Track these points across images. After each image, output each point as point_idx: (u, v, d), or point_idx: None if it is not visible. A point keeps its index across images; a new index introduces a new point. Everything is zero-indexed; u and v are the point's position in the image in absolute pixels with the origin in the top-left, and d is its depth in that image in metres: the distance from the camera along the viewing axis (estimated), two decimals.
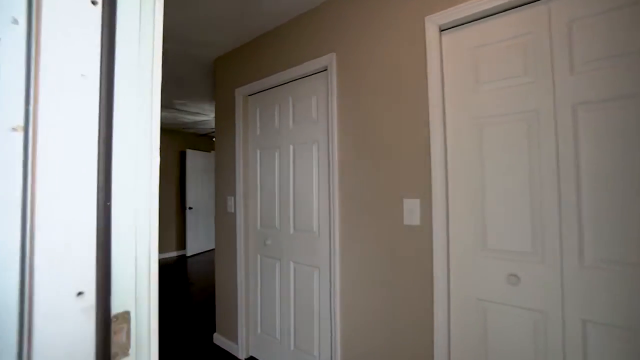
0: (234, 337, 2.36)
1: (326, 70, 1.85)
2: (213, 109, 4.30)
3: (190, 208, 5.81)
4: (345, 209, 1.71)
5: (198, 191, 6.02)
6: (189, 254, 5.77)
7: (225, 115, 2.49)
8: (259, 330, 2.25)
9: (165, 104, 4.08)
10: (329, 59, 1.78)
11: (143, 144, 0.49)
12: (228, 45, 2.40)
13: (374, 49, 1.60)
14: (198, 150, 6.28)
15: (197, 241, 5.96)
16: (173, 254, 5.86)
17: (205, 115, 4.78)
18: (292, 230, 2.04)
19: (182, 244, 6.00)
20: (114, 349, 0.44)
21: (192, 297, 3.65)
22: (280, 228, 2.11)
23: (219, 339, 2.50)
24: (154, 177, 0.51)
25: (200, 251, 6.02)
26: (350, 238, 1.68)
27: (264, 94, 2.25)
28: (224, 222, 2.48)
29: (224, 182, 2.50)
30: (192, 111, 4.49)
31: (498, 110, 1.23)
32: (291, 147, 2.06)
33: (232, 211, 2.39)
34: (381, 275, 1.55)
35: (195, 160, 6.01)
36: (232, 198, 2.39)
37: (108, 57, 0.44)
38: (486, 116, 1.26)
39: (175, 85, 3.35)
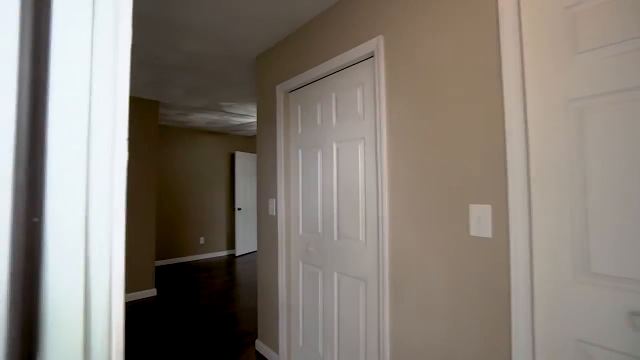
0: (275, 346, 2.25)
1: (372, 57, 1.64)
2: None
3: (239, 209, 5.95)
4: (395, 216, 1.48)
5: (247, 192, 6.15)
6: (237, 253, 5.91)
7: (267, 114, 2.40)
8: (300, 343, 2.10)
9: (213, 107, 4.18)
10: (376, 44, 1.56)
11: (102, 119, 0.34)
12: (269, 40, 2.30)
13: (429, 25, 1.35)
14: (247, 152, 6.43)
15: (246, 241, 6.09)
16: (223, 253, 6.06)
17: (251, 117, 4.83)
18: (335, 237, 1.86)
19: (231, 243, 6.18)
20: None
21: (238, 299, 3.66)
22: (323, 234, 1.94)
23: (260, 347, 2.41)
24: (118, 175, 0.35)
25: (248, 251, 6.14)
26: (402, 250, 1.44)
27: (305, 90, 2.10)
28: (266, 226, 2.39)
29: (265, 184, 2.40)
30: (238, 113, 4.55)
31: (606, 87, 0.90)
32: (334, 145, 1.88)
33: (274, 214, 2.28)
34: (438, 297, 1.28)
35: (244, 162, 6.15)
36: (273, 201, 2.29)
37: None
38: (588, 97, 0.94)
39: (221, 87, 3.39)
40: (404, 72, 1.45)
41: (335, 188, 1.87)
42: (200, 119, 4.89)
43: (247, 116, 4.74)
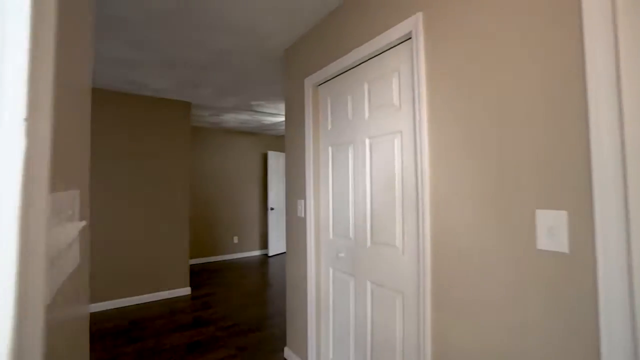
0: (303, 356, 2.12)
1: (410, 38, 1.43)
2: None
3: (271, 209, 5.93)
4: (438, 220, 1.27)
5: (279, 192, 6.12)
6: (270, 253, 5.90)
7: (295, 110, 2.27)
8: (330, 355, 1.95)
9: (244, 106, 4.16)
10: (414, 23, 1.36)
11: None
12: (297, 32, 2.17)
13: None
14: (279, 151, 6.40)
15: (279, 241, 6.06)
16: (256, 252, 6.08)
17: (282, 116, 4.76)
18: (369, 243, 1.68)
19: (264, 243, 6.18)
20: None
21: (269, 301, 3.59)
22: (355, 239, 1.77)
23: (289, 355, 2.29)
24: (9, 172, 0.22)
25: (281, 251, 6.11)
26: (446, 261, 1.23)
27: (335, 82, 1.94)
28: (294, 228, 2.26)
29: (293, 184, 2.28)
30: (269, 112, 4.50)
31: None
32: (367, 141, 1.70)
33: (302, 216, 2.15)
34: (490, 326, 1.06)
35: (277, 162, 6.12)
36: (302, 202, 2.15)
37: None
38: None
39: (250, 85, 3.33)
40: (449, 52, 1.23)
41: (369, 188, 1.69)
42: (233, 119, 4.92)
43: (278, 115, 4.68)
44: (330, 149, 1.99)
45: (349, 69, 1.81)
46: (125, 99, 3.52)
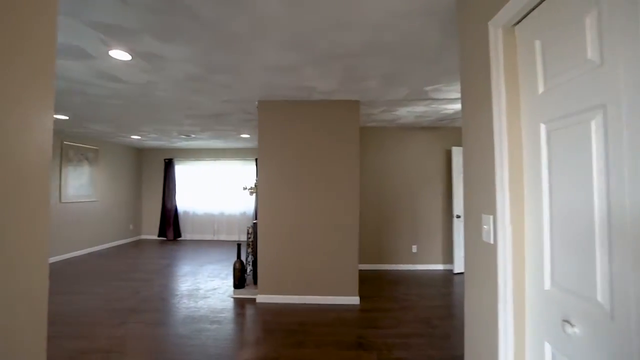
0: None
1: None
2: None
3: (457, 216, 4.90)
4: None
5: None
6: (456, 270, 4.87)
7: (472, 74, 1.48)
8: None
9: (417, 94, 3.50)
10: None
11: None
12: None
13: None
14: None
15: None
16: (438, 267, 5.20)
17: None
18: (636, 317, 0.72)
19: (449, 257, 5.20)
20: None
21: (444, 337, 2.78)
22: (608, 304, 0.83)
23: None
24: None
25: None
26: None
27: (550, 5, 1.04)
28: (476, 259, 1.46)
29: (474, 188, 1.48)
30: (448, 98, 3.62)
31: None
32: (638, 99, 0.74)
33: (490, 242, 1.33)
34: None
35: (461, 158, 5.01)
36: (490, 218, 1.33)
37: None
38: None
39: (418, 65, 2.67)
40: None
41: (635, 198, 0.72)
42: (407, 113, 4.36)
43: (460, 100, 3.71)
44: (543, 128, 1.09)
45: None
46: (296, 106, 3.72)
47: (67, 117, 4.59)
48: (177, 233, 8.12)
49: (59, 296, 3.87)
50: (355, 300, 3.60)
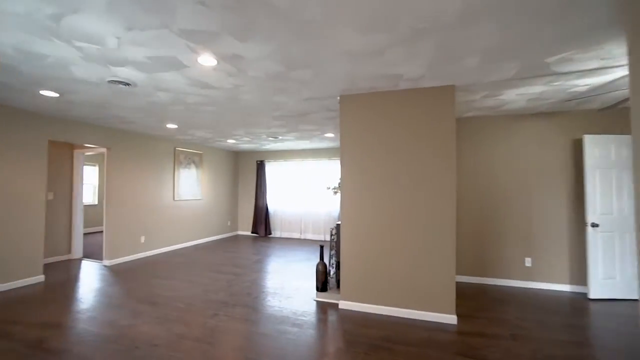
0: None
1: None
2: (624, 49, 2.28)
3: (593, 225, 3.80)
4: None
5: (606, 199, 3.83)
6: (592, 295, 3.77)
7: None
8: None
9: (533, 70, 2.76)
10: None
11: None
12: None
13: None
14: (606, 133, 4.04)
15: (610, 278, 3.78)
16: (564, 287, 4.13)
17: (617, 68, 2.79)
18: None
19: (580, 276, 4.09)
20: None
21: None
22: None
23: None
24: None
25: (615, 296, 3.77)
26: None
27: None
28: None
29: None
30: (584, 69, 2.76)
31: None
32: None
33: None
34: None
35: (602, 150, 3.87)
36: None
37: None
38: None
39: (541, 27, 2.04)
40: None
41: None
42: (517, 97, 3.56)
43: (603, 70, 2.80)
44: None
45: None
46: (380, 98, 3.38)
47: (176, 126, 5.26)
48: (268, 230, 8.64)
49: (167, 281, 4.42)
50: (451, 319, 3.07)
